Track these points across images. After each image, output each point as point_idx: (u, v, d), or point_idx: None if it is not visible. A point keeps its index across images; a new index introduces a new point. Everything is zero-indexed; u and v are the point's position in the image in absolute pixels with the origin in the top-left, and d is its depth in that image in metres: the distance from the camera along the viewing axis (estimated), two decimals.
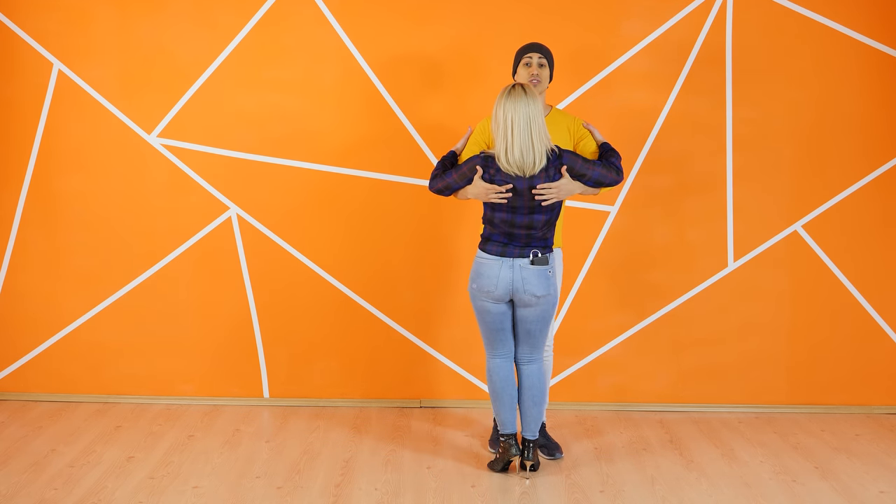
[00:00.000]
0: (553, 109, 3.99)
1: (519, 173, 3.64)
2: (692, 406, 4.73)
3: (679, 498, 3.65)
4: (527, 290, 3.72)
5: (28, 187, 4.71)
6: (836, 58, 4.57)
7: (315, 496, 3.65)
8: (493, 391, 3.87)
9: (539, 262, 3.72)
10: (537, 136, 3.61)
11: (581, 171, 3.72)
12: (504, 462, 3.87)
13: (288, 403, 4.77)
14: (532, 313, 3.77)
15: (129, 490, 3.69)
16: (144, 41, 4.62)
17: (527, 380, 3.86)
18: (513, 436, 3.85)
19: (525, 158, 3.61)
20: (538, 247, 3.73)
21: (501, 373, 3.86)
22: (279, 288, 4.73)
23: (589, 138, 3.93)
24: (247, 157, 4.68)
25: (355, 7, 4.59)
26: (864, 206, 4.64)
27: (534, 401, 3.85)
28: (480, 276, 3.75)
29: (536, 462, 3.87)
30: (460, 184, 3.78)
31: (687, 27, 4.57)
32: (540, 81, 3.90)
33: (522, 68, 3.93)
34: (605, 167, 3.77)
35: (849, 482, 3.82)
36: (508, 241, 3.73)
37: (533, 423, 3.85)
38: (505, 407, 3.86)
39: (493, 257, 3.73)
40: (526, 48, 3.96)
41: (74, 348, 4.78)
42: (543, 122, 3.64)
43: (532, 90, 3.65)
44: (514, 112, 3.59)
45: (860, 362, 4.71)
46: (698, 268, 4.69)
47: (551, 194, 3.67)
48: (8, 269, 4.75)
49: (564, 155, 3.70)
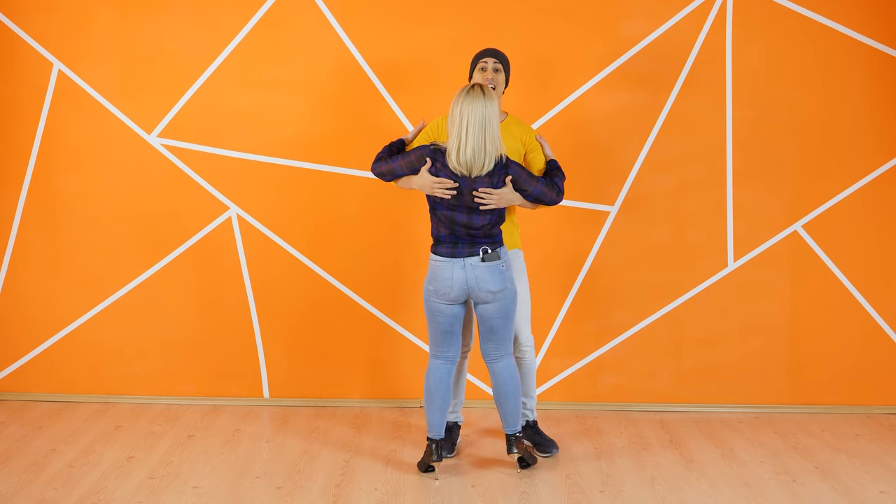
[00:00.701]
0: (508, 116, 3.99)
1: (465, 173, 3.64)
2: (692, 406, 4.73)
3: (679, 498, 3.65)
4: (482, 288, 3.72)
5: (28, 187, 4.71)
6: (836, 58, 4.57)
7: (315, 496, 3.65)
8: (427, 391, 3.86)
9: (490, 259, 3.72)
10: (490, 138, 3.62)
11: (524, 186, 3.73)
12: (426, 465, 3.87)
13: (288, 403, 4.77)
14: (491, 309, 3.76)
15: (129, 490, 3.69)
16: (144, 41, 4.62)
17: (497, 377, 3.84)
18: (436, 441, 3.84)
19: (476, 159, 3.62)
20: (486, 243, 3.73)
21: (438, 374, 3.84)
22: (279, 288, 4.73)
23: (539, 152, 3.93)
24: (247, 157, 4.68)
25: (355, 7, 4.59)
26: (864, 206, 4.64)
27: (506, 396, 3.83)
28: (436, 279, 3.75)
29: (527, 455, 3.87)
30: (405, 171, 3.78)
31: (687, 27, 4.57)
32: (495, 87, 3.89)
33: (478, 73, 3.93)
34: (548, 186, 3.77)
35: (849, 482, 3.82)
36: (456, 240, 3.73)
37: (511, 418, 3.84)
38: (434, 409, 3.84)
39: (444, 259, 3.73)
40: (482, 53, 3.95)
41: (74, 348, 4.78)
42: (498, 125, 3.64)
43: (491, 92, 3.65)
44: (471, 112, 3.60)
45: (860, 362, 4.71)
46: (698, 268, 4.69)
47: (491, 201, 3.67)
48: (8, 269, 4.76)
49: (512, 166, 3.71)
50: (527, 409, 4.15)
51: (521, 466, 3.88)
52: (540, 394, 4.75)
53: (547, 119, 4.61)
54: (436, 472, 3.87)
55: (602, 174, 4.64)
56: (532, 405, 4.16)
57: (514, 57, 4.54)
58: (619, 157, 4.63)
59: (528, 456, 3.89)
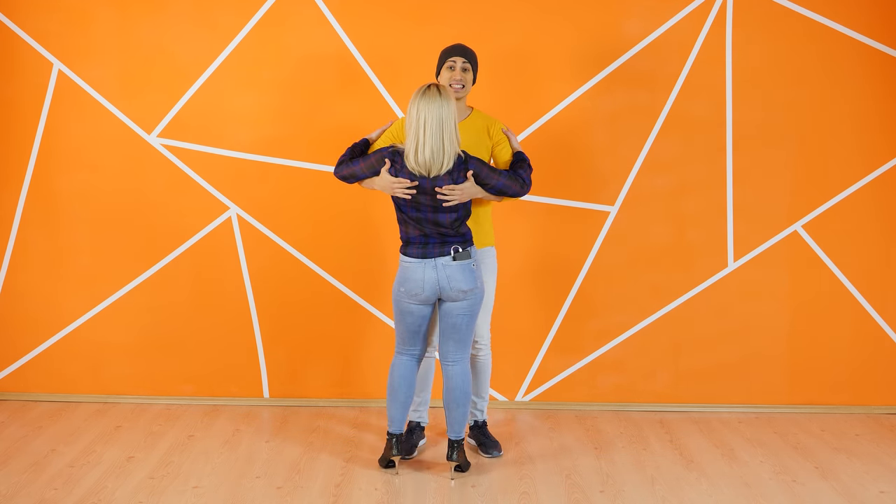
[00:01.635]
0: (474, 111, 3.99)
1: (425, 173, 3.65)
2: (692, 406, 4.73)
3: (679, 498, 3.65)
4: (453, 287, 3.72)
5: (28, 187, 4.71)
6: (836, 58, 4.57)
7: (315, 496, 3.65)
8: (391, 387, 3.87)
9: (461, 258, 3.72)
10: (448, 138, 3.62)
11: (485, 180, 3.73)
12: (386, 460, 3.88)
13: (288, 403, 4.77)
14: (459, 306, 3.76)
15: (129, 490, 3.69)
16: (144, 41, 4.62)
17: (450, 381, 3.83)
18: (396, 436, 3.85)
19: (434, 159, 3.62)
20: (456, 242, 3.74)
21: (402, 370, 3.86)
22: (279, 288, 4.73)
23: (505, 144, 3.94)
24: (247, 157, 4.68)
25: (355, 7, 4.59)
26: (863, 206, 4.64)
27: (457, 402, 3.82)
28: (407, 280, 3.75)
29: (464, 462, 3.86)
30: (366, 174, 3.79)
31: (687, 27, 4.57)
32: (463, 86, 3.89)
33: (446, 71, 3.92)
34: (510, 178, 3.78)
35: (849, 482, 3.82)
36: (426, 241, 3.73)
37: (456, 425, 3.84)
38: (396, 405, 3.85)
39: (415, 260, 3.73)
40: (451, 51, 3.94)
41: (74, 348, 4.78)
42: (455, 125, 3.64)
43: (447, 91, 3.65)
44: (428, 112, 3.60)
45: (860, 362, 4.71)
46: (698, 268, 4.69)
47: (454, 196, 3.68)
48: (8, 269, 4.76)
49: (471, 161, 3.71)
50: (477, 409, 4.16)
51: (456, 471, 3.88)
52: (540, 394, 4.75)
53: (547, 119, 4.61)
54: (396, 468, 3.88)
55: (602, 174, 4.64)
56: (483, 406, 4.16)
57: (514, 57, 4.56)
58: (619, 157, 4.63)
59: (465, 463, 3.89)
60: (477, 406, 4.16)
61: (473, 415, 4.17)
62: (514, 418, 4.61)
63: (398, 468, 3.91)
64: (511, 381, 4.76)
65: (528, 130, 4.61)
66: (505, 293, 4.64)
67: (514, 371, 4.75)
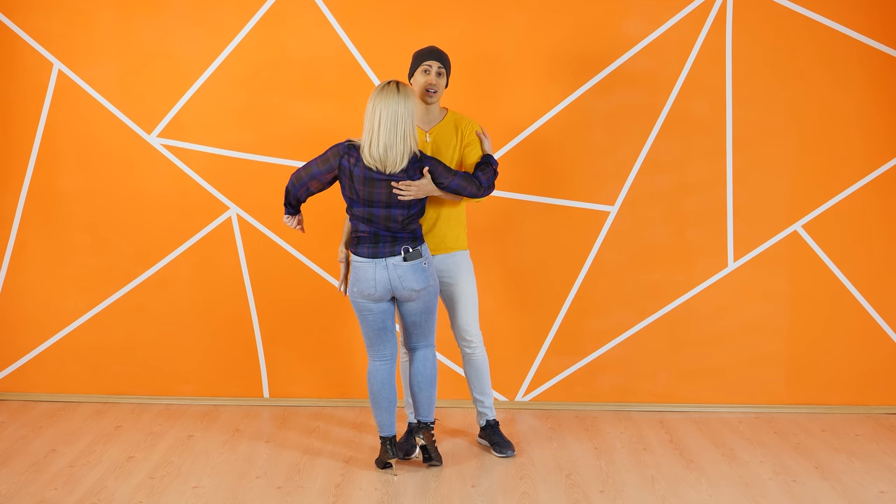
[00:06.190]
0: (449, 112, 4.00)
1: (380, 168, 3.66)
2: (692, 406, 4.73)
3: (679, 498, 3.65)
4: (405, 287, 3.74)
5: (28, 187, 4.71)
6: (836, 58, 4.57)
7: (315, 496, 3.65)
8: (371, 394, 3.89)
9: (412, 258, 3.74)
10: (402, 135, 3.63)
11: (440, 179, 3.76)
12: (383, 462, 3.90)
13: (288, 403, 4.77)
14: (415, 306, 3.81)
15: (129, 490, 3.69)
16: (145, 41, 4.63)
17: (415, 364, 3.92)
18: (389, 439, 3.87)
19: (388, 154, 3.63)
20: (406, 240, 3.75)
21: (380, 376, 3.88)
22: (279, 288, 4.73)
23: (476, 146, 3.95)
24: (247, 157, 4.68)
25: (355, 7, 4.59)
26: (864, 206, 4.64)
27: (423, 385, 3.89)
28: (359, 279, 3.77)
29: (432, 448, 3.90)
30: (321, 169, 3.78)
31: (687, 27, 4.57)
32: (437, 91, 3.90)
33: (420, 74, 3.92)
34: (466, 179, 3.80)
35: (849, 482, 3.82)
36: (377, 239, 3.74)
37: (423, 408, 3.90)
38: (381, 410, 3.88)
39: (366, 260, 3.75)
40: (426, 54, 3.93)
41: (74, 348, 4.78)
42: (413, 123, 3.65)
43: (407, 89, 3.66)
44: (384, 108, 3.62)
45: (860, 362, 4.71)
46: (698, 268, 4.69)
47: (410, 192, 3.69)
48: (8, 269, 4.76)
49: (426, 160, 3.73)
50: (485, 407, 4.16)
51: (424, 458, 3.92)
52: (540, 394, 4.75)
53: (547, 119, 4.61)
54: (393, 469, 3.89)
55: (602, 174, 4.64)
56: (490, 403, 4.16)
57: (514, 56, 4.56)
58: (619, 157, 4.63)
59: (433, 450, 3.91)
60: (484, 405, 4.16)
61: (483, 414, 4.17)
62: (514, 418, 4.61)
63: (396, 468, 3.91)
64: (511, 381, 4.76)
65: (528, 130, 4.61)
66: (505, 293, 4.64)
67: (514, 371, 4.75)
